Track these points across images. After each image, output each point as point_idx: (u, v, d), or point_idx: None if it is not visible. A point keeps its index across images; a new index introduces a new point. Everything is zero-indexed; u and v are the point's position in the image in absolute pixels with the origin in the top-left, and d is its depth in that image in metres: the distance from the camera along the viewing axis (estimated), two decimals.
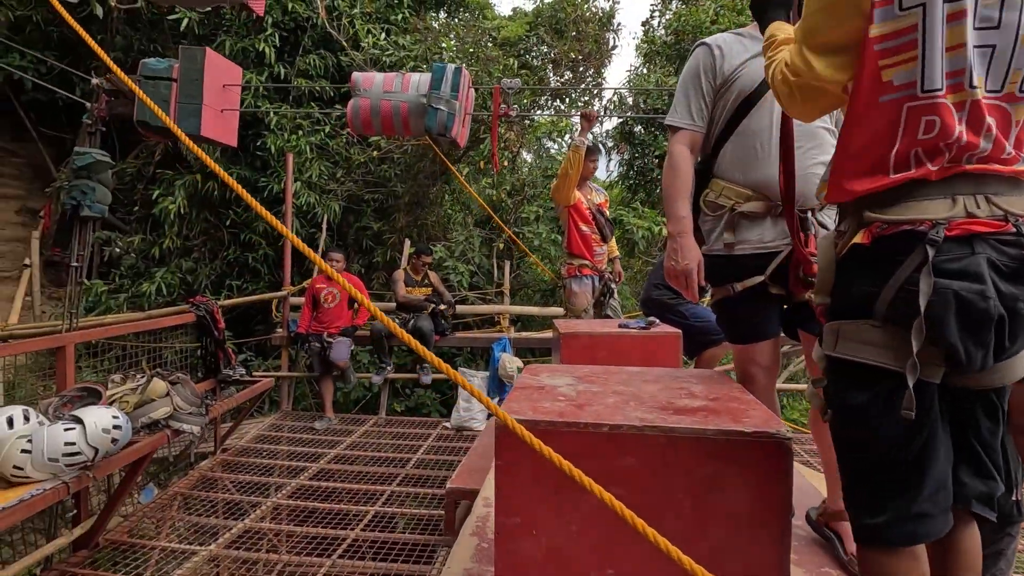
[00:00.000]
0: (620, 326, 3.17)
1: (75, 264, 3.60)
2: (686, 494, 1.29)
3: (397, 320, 5.63)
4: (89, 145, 3.57)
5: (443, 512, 3.58)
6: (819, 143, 1.62)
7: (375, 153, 7.76)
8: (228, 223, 7.95)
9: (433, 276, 5.91)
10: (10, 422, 2.43)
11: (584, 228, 3.83)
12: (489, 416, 5.37)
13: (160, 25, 9.02)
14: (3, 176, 10.80)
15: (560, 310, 6.48)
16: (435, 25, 6.96)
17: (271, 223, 1.34)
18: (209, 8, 6.25)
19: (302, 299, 6.11)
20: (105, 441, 2.59)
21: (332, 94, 7.93)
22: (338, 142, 7.32)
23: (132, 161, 9.19)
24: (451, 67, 3.56)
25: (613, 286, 4.07)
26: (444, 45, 6.46)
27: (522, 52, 7.04)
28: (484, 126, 7.05)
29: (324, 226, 6.52)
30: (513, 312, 6.17)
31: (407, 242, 6.60)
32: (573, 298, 3.89)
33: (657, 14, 7.92)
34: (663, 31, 7.79)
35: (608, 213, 4.01)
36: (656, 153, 7.03)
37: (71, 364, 2.95)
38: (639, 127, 7.40)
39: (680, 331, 3.02)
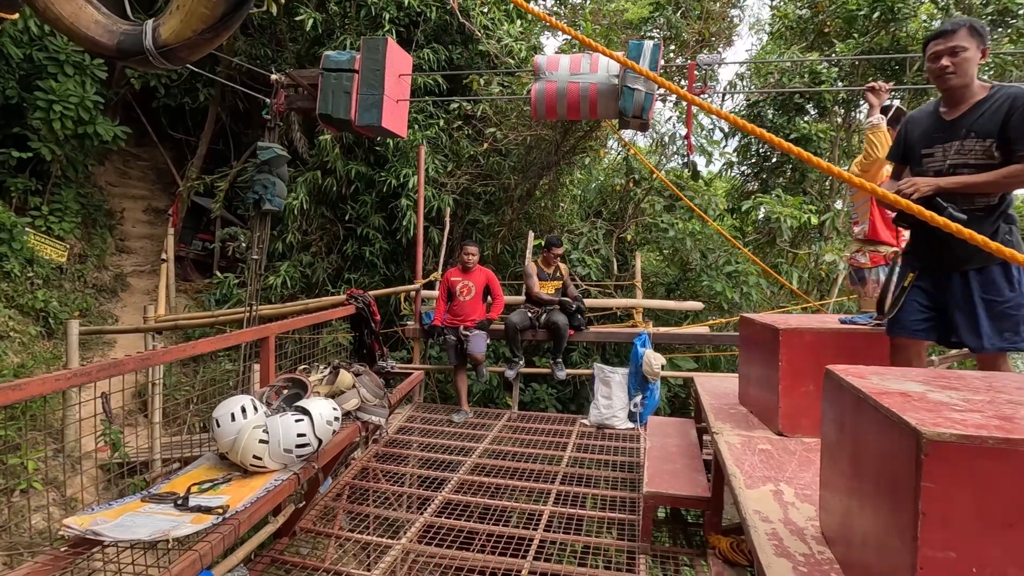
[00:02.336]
0: (843, 322, 2.86)
1: (255, 257, 3.70)
2: None
3: (529, 313, 5.52)
4: (268, 140, 3.65)
5: (621, 515, 3.42)
6: None
7: (484, 146, 7.70)
8: (347, 218, 8.15)
9: (563, 268, 5.74)
10: (243, 411, 2.46)
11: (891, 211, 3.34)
12: (631, 415, 5.16)
13: (270, 29, 9.38)
14: (131, 178, 11.65)
15: (698, 304, 6.17)
16: (561, 11, 6.77)
17: None
18: None
19: (430, 292, 6.14)
20: (328, 432, 2.59)
21: (444, 87, 7.94)
22: (461, 135, 7.30)
23: (253, 160, 9.65)
24: (649, 44, 3.33)
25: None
26: (582, 26, 6.26)
27: (645, 34, 6.74)
28: None
29: (448, 220, 6.49)
30: (648, 307, 5.90)
31: (531, 234, 6.47)
32: (873, 291, 3.31)
33: None
34: (793, 6, 7.23)
35: None
36: (791, 136, 6.54)
37: (272, 354, 3.01)
38: (771, 110, 6.92)
39: None
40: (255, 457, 2.37)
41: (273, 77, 3.57)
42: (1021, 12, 6.43)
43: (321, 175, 8.06)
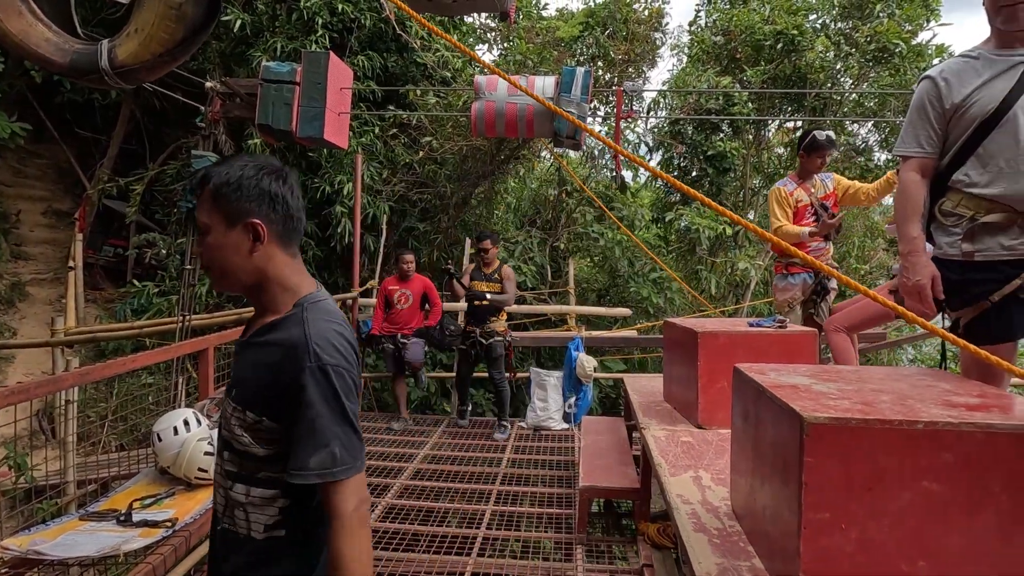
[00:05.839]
0: (751, 325, 3.22)
1: (188, 267, 3.60)
2: (1003, 489, 1.33)
3: (472, 349, 5.30)
4: (203, 148, 3.57)
5: (558, 510, 3.63)
6: None
7: (420, 154, 7.77)
8: None
9: (507, 270, 5.25)
10: (186, 424, 2.44)
11: None
12: (566, 416, 5.41)
13: None
14: (28, 178, 10.72)
15: (627, 311, 6.54)
16: (500, 28, 6.99)
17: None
18: (465, 14, 6.02)
19: (367, 300, 6.13)
20: None
21: (379, 94, 7.92)
22: (396, 142, 7.32)
23: (173, 163, 9.16)
24: (581, 70, 3.58)
25: (831, 285, 3.65)
26: (515, 45, 6.48)
27: (576, 53, 7.10)
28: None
29: (384, 227, 6.51)
30: (581, 313, 6.20)
31: (467, 241, 6.62)
32: (777, 294, 3.74)
33: (704, 14, 8.00)
34: (709, 32, 7.86)
35: (830, 205, 3.65)
36: (708, 153, 7.11)
37: (212, 366, 2.96)
38: (690, 127, 7.47)
39: (816, 331, 3.08)
40: (200, 469, 2.36)
41: (208, 85, 3.50)
42: (898, 50, 7.35)
43: None
